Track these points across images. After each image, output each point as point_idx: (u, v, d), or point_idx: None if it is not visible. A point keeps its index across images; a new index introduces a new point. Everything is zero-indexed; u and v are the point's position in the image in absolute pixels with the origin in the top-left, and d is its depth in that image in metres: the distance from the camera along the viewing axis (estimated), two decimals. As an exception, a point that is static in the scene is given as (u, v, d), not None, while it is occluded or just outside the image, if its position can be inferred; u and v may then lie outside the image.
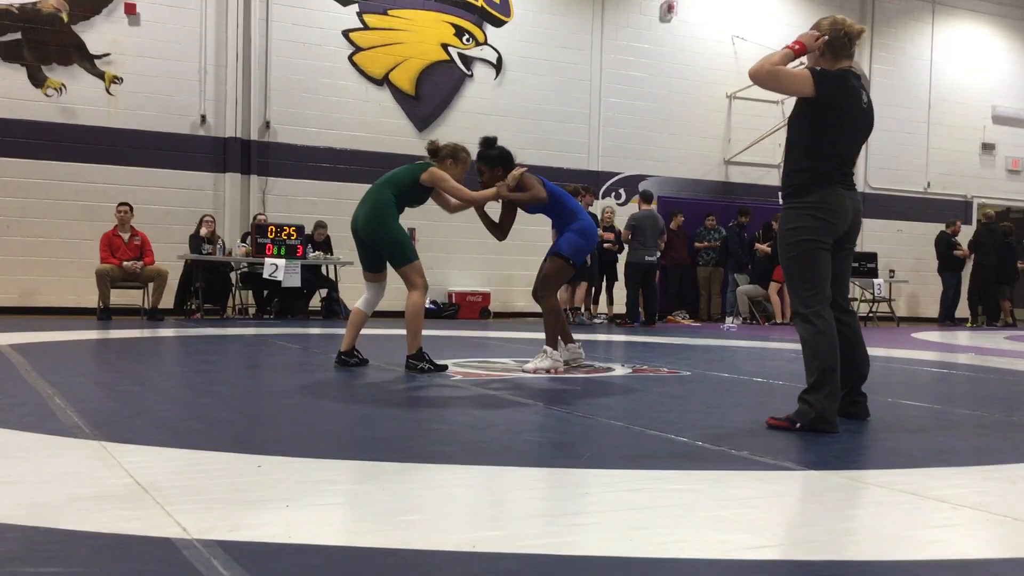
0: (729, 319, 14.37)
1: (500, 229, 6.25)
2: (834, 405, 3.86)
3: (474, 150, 6.17)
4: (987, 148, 18.72)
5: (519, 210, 6.19)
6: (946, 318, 16.23)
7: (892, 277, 16.33)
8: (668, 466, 3.14)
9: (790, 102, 4.15)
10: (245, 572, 1.88)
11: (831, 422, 3.81)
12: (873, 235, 17.67)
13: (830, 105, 3.89)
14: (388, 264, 5.97)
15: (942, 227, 16.59)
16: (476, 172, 6.13)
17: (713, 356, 7.96)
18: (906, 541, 2.29)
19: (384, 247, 5.86)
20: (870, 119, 4.05)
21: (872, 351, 9.09)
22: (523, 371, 5.98)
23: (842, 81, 3.93)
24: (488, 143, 6.11)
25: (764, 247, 14.47)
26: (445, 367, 5.92)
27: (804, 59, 4.06)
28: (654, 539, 2.25)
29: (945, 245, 16.28)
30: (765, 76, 3.87)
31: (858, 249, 16.75)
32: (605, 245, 13.36)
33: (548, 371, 5.93)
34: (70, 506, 2.38)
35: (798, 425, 3.84)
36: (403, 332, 5.99)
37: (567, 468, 3.07)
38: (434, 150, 6.03)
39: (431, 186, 5.90)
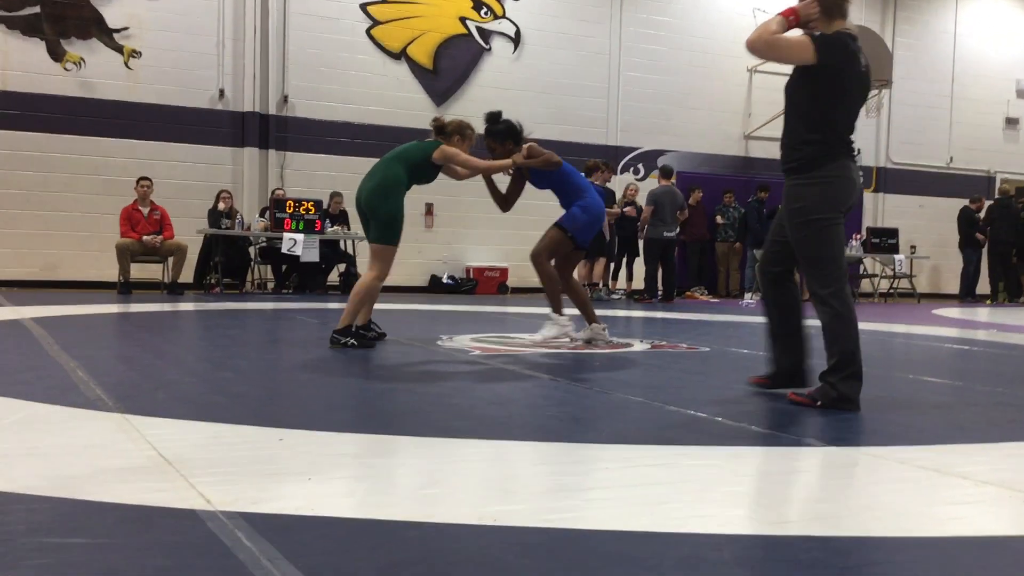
0: (748, 295, 14.32)
1: (505, 200, 6.20)
2: (856, 385, 3.80)
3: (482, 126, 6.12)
4: (1011, 123, 18.50)
5: (528, 184, 6.15)
6: (967, 294, 16.12)
7: (913, 253, 16.21)
8: (688, 442, 3.14)
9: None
10: (269, 544, 1.89)
11: (852, 401, 3.78)
12: (895, 210, 17.55)
13: (832, 71, 3.74)
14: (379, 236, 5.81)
15: (964, 202, 16.43)
16: (487, 149, 6.09)
17: (732, 332, 7.94)
18: (928, 518, 2.28)
19: (378, 219, 5.77)
20: (868, 83, 3.92)
21: (893, 328, 9.07)
22: (533, 341, 5.97)
23: (842, 45, 3.77)
24: (494, 118, 6.05)
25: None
26: (372, 345, 5.78)
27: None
28: (675, 514, 2.25)
29: (968, 221, 16.13)
30: (763, 46, 3.73)
31: (879, 224, 16.68)
32: (626, 210, 13.27)
33: (558, 338, 5.90)
34: (95, 478, 2.41)
35: (819, 403, 3.81)
36: (414, 307, 6.00)
37: (587, 443, 3.08)
38: (440, 127, 5.97)
39: (443, 163, 5.87)
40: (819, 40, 3.75)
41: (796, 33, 3.84)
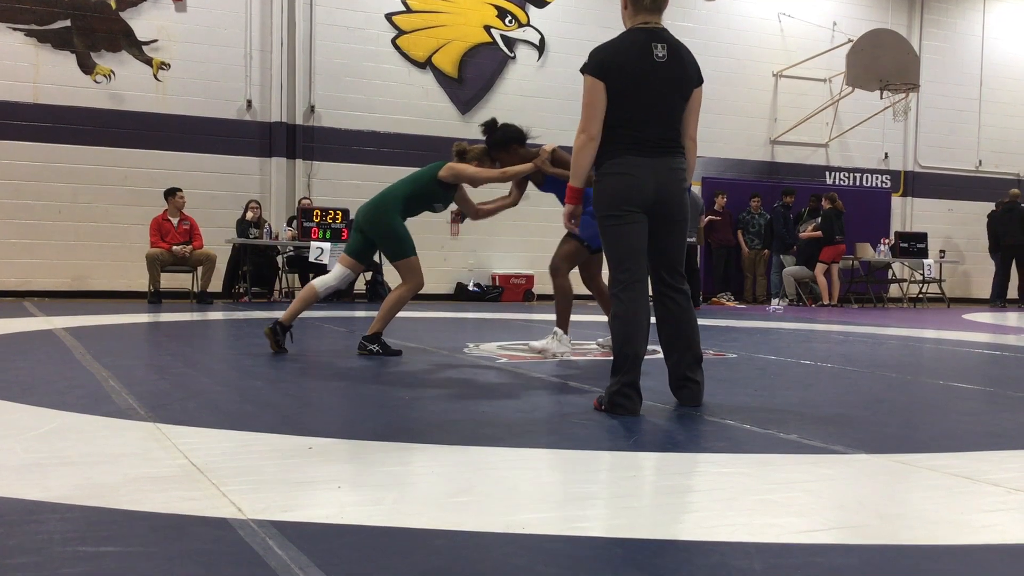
0: (775, 301, 14.24)
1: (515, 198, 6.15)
2: (627, 391, 3.67)
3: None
4: (1041, 125, 18.30)
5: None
6: (997, 298, 15.95)
7: (942, 257, 16.06)
8: (716, 449, 3.13)
9: (838, 80, 4.05)
10: (300, 552, 1.91)
11: (624, 407, 3.66)
12: (923, 215, 17.40)
13: (612, 75, 3.71)
14: (387, 259, 5.88)
15: (993, 206, 16.28)
16: (495, 162, 5.90)
17: (759, 338, 7.90)
18: (959, 526, 2.26)
19: (381, 240, 5.75)
20: (674, 70, 3.75)
21: (922, 333, 8.98)
22: (528, 347, 5.96)
23: (617, 45, 3.77)
24: (489, 128, 5.89)
25: (810, 231, 14.32)
26: (399, 352, 5.79)
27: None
28: (704, 523, 2.25)
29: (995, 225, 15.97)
30: (583, 143, 3.76)
31: (907, 229, 16.55)
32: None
33: (556, 355, 5.83)
34: (127, 487, 2.44)
35: (603, 408, 3.73)
36: (440, 315, 6.04)
37: (615, 451, 3.08)
38: (461, 152, 5.86)
39: (453, 182, 5.73)
40: (590, 65, 3.77)
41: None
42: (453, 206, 6.12)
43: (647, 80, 3.71)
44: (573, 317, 6.22)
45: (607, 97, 3.73)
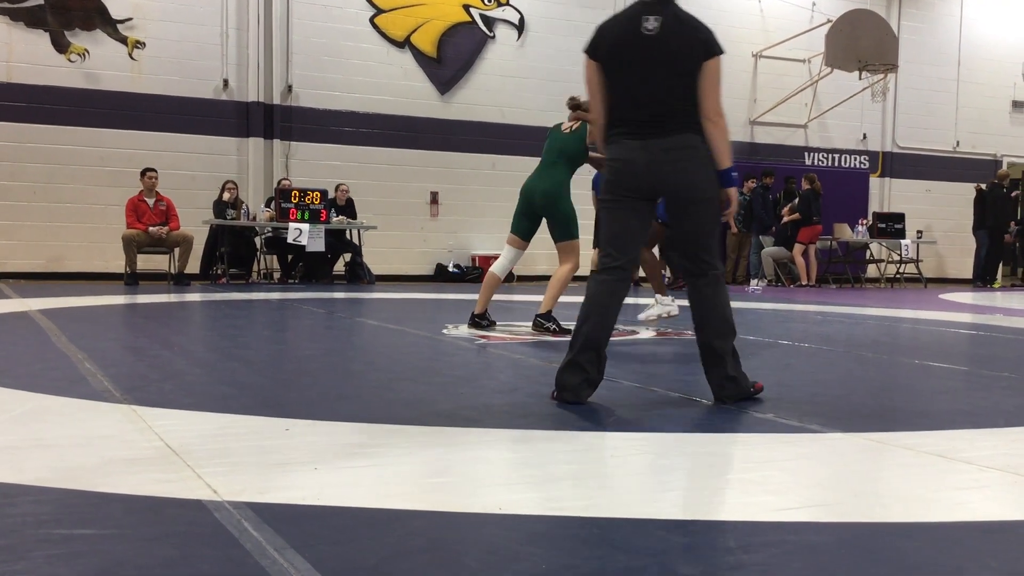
0: (754, 281, 14.30)
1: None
2: (572, 373, 3.53)
3: (495, 112, 6.09)
4: (1017, 106, 18.39)
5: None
6: (979, 278, 16.07)
7: (919, 238, 16.16)
8: (693, 429, 3.14)
9: (817, 61, 4.03)
10: (275, 534, 1.90)
11: (568, 389, 3.52)
12: (901, 195, 17.49)
13: (604, 56, 3.57)
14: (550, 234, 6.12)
15: (970, 186, 16.38)
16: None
17: (738, 319, 7.87)
18: (933, 503, 2.28)
19: (555, 220, 6.00)
20: (666, 43, 3.50)
21: (899, 313, 9.04)
22: (639, 319, 6.31)
23: (609, 21, 3.64)
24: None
25: (787, 211, 14.38)
26: (569, 331, 5.95)
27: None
28: (681, 501, 2.26)
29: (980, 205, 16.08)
30: (590, 130, 3.75)
31: (885, 209, 16.63)
32: None
33: (660, 317, 6.25)
34: (102, 469, 2.42)
35: (553, 393, 3.61)
36: (420, 296, 6.09)
37: (593, 431, 3.09)
38: (576, 105, 6.10)
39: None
40: (587, 44, 3.63)
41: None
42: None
43: (632, 54, 3.52)
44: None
45: (605, 76, 3.59)
